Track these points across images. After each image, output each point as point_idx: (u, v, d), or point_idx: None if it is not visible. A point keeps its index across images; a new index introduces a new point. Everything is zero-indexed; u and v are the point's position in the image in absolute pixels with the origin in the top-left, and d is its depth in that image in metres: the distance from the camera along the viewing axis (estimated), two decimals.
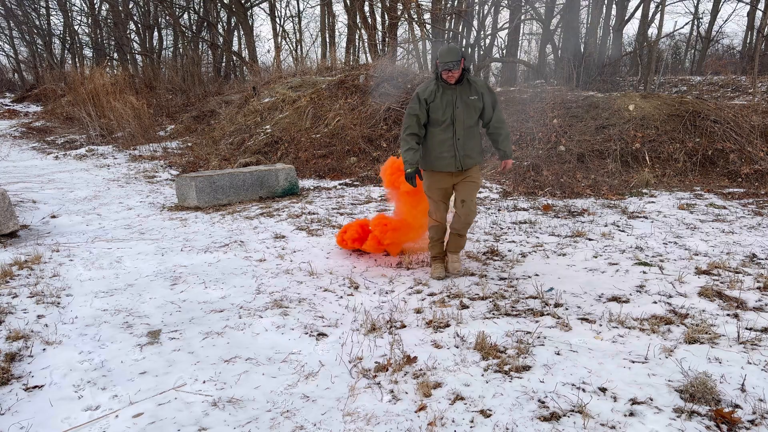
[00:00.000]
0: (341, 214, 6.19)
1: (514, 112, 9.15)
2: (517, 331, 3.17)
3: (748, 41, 20.92)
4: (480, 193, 7.17)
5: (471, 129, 3.76)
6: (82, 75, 14.77)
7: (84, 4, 23.44)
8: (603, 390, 2.52)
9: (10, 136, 12.77)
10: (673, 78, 15.38)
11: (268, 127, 10.45)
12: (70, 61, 23.58)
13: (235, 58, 21.95)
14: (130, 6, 22.40)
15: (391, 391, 2.56)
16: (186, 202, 6.83)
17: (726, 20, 38.25)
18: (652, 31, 20.11)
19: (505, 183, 7.54)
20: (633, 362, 2.76)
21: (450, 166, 3.79)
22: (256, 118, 11.04)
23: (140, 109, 12.51)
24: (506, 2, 18.57)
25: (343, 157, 9.29)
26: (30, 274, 4.29)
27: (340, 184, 8.16)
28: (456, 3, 17.58)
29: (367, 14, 17.58)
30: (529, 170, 7.79)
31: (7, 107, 16.59)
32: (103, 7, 22.89)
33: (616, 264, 4.32)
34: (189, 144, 11.60)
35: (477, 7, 18.62)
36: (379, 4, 17.09)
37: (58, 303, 3.73)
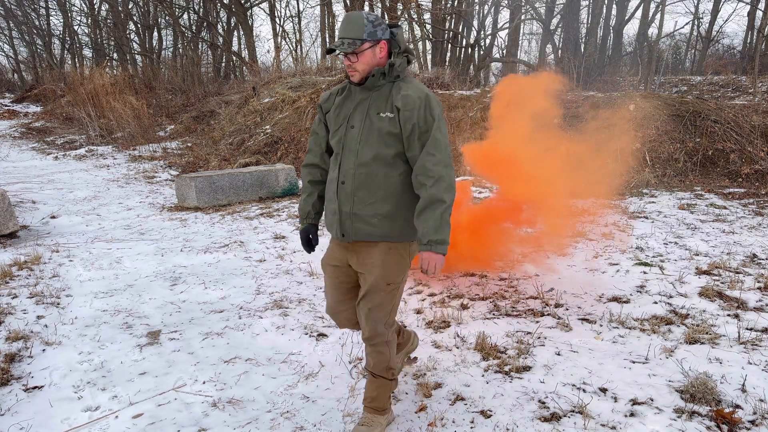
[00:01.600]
0: None
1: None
2: (517, 331, 3.17)
3: (748, 41, 20.92)
4: (480, 193, 7.06)
5: (371, 169, 2.05)
6: (81, 75, 14.77)
7: (84, 4, 23.44)
8: (603, 390, 2.52)
9: (10, 137, 12.76)
10: (674, 78, 15.38)
11: (268, 127, 10.45)
12: (69, 62, 23.58)
13: (234, 58, 21.96)
14: (130, 6, 22.40)
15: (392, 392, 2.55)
16: (186, 203, 6.83)
17: (726, 20, 38.26)
18: (653, 31, 20.13)
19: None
20: (633, 362, 2.76)
21: (333, 228, 2.17)
22: (255, 119, 11.04)
23: (140, 109, 12.50)
24: (506, 2, 18.58)
25: None
26: (30, 275, 4.29)
27: None
28: (456, 3, 17.59)
29: None
30: None
31: (6, 107, 16.58)
32: (103, 7, 22.89)
33: (617, 264, 4.32)
34: (189, 144, 11.59)
35: (477, 7, 18.63)
36: (379, 4, 17.09)
37: (58, 303, 3.72)
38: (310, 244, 2.30)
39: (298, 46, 23.34)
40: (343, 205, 2.09)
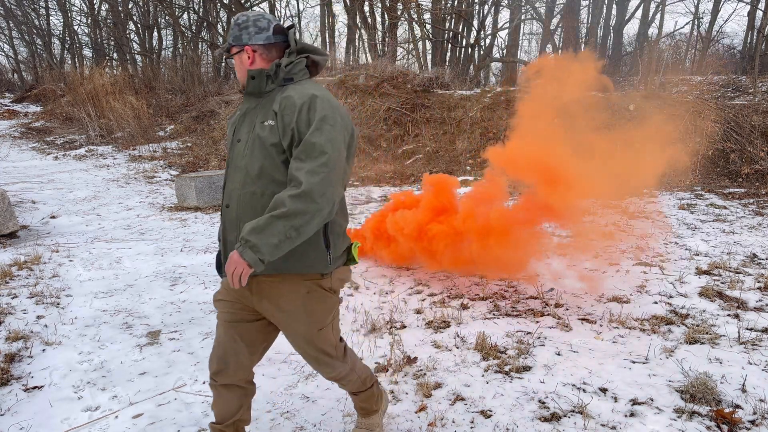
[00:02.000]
0: None
1: (515, 112, 9.15)
2: (517, 331, 3.17)
3: (748, 41, 20.91)
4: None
5: (257, 188, 1.71)
6: (81, 75, 14.77)
7: (84, 4, 23.43)
8: (603, 390, 2.52)
9: (10, 137, 12.75)
10: (674, 78, 15.37)
11: None
12: (69, 62, 23.58)
13: None
14: (130, 6, 22.40)
15: (392, 392, 2.55)
16: (186, 203, 6.83)
17: (726, 20, 38.24)
18: (653, 31, 20.14)
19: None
20: (633, 362, 2.76)
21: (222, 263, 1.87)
22: None
23: (140, 109, 12.50)
24: (506, 2, 18.59)
25: None
26: (30, 275, 4.28)
27: None
28: (456, 3, 17.59)
29: (367, 14, 17.58)
30: None
31: (6, 107, 16.58)
32: (103, 7, 22.89)
33: (617, 264, 4.32)
34: (189, 144, 11.59)
35: (477, 7, 18.64)
36: (379, 4, 17.08)
37: (58, 303, 3.72)
38: (219, 268, 1.87)
39: None
40: (228, 233, 1.76)
